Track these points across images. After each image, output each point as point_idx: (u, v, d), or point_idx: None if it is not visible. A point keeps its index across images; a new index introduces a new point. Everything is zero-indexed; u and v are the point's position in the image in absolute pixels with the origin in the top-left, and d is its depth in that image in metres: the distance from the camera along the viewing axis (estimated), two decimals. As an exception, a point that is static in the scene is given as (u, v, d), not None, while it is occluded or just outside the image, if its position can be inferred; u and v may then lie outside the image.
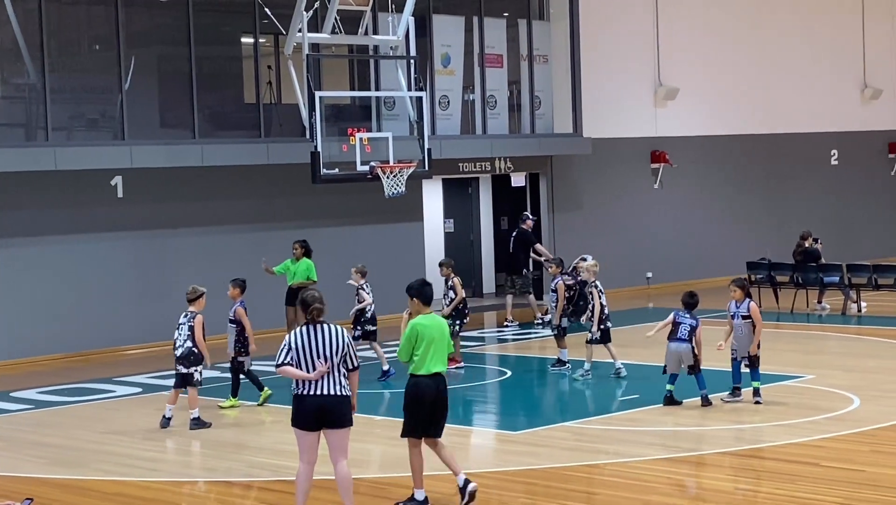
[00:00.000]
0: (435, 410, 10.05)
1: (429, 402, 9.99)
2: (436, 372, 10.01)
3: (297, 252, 18.24)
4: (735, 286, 14.42)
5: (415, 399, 10.02)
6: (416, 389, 10.02)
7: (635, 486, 10.70)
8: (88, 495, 11.15)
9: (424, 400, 9.98)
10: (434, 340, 10.00)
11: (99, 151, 19.31)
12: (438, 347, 10.03)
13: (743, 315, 14.28)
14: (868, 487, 10.36)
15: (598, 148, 24.90)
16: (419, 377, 10.02)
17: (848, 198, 29.98)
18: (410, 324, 10.16)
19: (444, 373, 10.11)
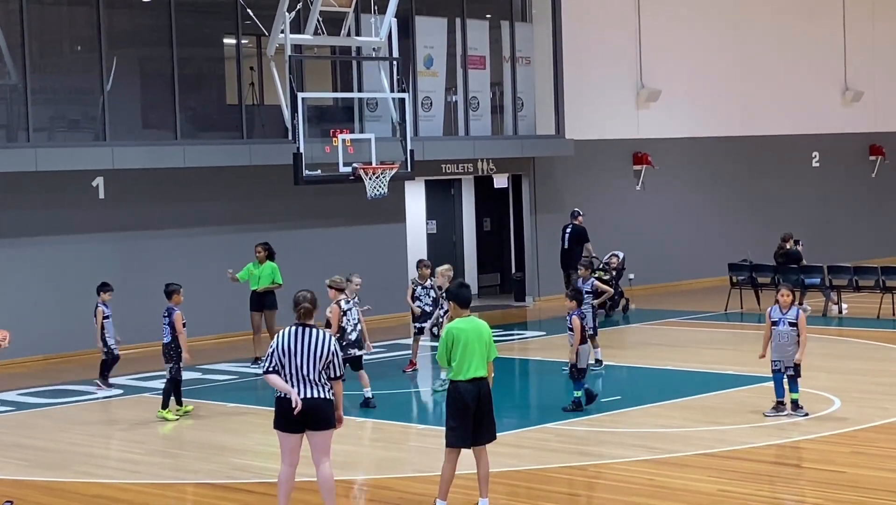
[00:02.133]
0: (479, 415, 9.75)
1: (471, 409, 9.71)
2: (475, 377, 9.74)
3: (261, 255, 17.81)
4: (786, 290, 13.64)
5: (454, 406, 9.75)
6: (456, 396, 9.74)
7: (617, 487, 10.73)
8: (69, 498, 11.11)
9: (467, 406, 9.72)
10: (470, 343, 9.72)
11: (80, 152, 19.25)
12: (476, 350, 9.73)
13: (791, 322, 13.47)
14: (848, 489, 10.41)
15: (580, 149, 24.94)
16: (458, 383, 9.74)
17: (829, 200, 30.09)
18: (446, 328, 9.96)
19: (485, 376, 9.79)
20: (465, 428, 9.71)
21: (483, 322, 10.01)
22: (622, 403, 14.54)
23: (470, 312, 9.97)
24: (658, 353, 18.64)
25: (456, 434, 9.74)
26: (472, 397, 9.69)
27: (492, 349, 9.89)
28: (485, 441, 9.82)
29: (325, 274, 21.43)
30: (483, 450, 9.83)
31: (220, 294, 20.26)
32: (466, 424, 9.70)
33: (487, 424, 9.81)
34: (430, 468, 11.29)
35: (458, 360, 9.70)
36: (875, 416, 13.24)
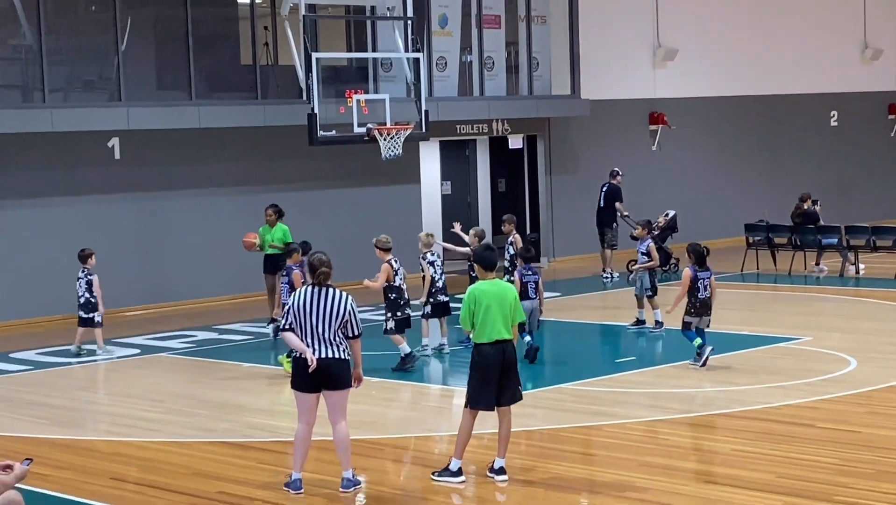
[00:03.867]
0: (503, 378, 9.67)
1: (495, 370, 9.64)
2: (499, 339, 9.68)
3: (272, 218, 17.70)
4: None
5: (480, 369, 9.69)
6: (479, 359, 9.70)
7: (631, 447, 10.76)
8: (88, 456, 11.20)
9: (489, 370, 9.66)
10: (493, 305, 9.62)
11: (96, 113, 19.26)
12: (498, 313, 9.64)
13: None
14: (864, 449, 10.42)
15: (595, 110, 24.84)
16: (482, 346, 9.67)
17: (847, 159, 29.94)
18: (469, 290, 9.90)
19: (510, 339, 9.70)
20: (487, 390, 9.69)
21: (508, 285, 9.97)
22: (637, 363, 14.56)
23: (496, 275, 9.91)
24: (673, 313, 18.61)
25: (477, 396, 9.73)
26: (495, 360, 9.66)
27: (517, 312, 9.81)
28: (509, 402, 9.81)
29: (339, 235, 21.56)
30: (507, 410, 9.83)
31: (234, 254, 20.30)
32: (489, 387, 9.68)
33: (511, 386, 9.78)
34: (445, 428, 11.34)
35: (480, 322, 9.65)
36: (891, 376, 13.23)
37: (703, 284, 14.21)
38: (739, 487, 9.41)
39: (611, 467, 10.23)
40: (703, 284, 14.21)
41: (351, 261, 19.63)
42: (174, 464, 10.89)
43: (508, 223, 16.93)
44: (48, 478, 10.24)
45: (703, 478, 9.70)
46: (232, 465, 10.68)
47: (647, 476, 9.80)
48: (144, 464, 10.83)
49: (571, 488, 9.69)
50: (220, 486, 10.01)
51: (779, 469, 9.88)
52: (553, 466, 10.31)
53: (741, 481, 9.57)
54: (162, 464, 10.88)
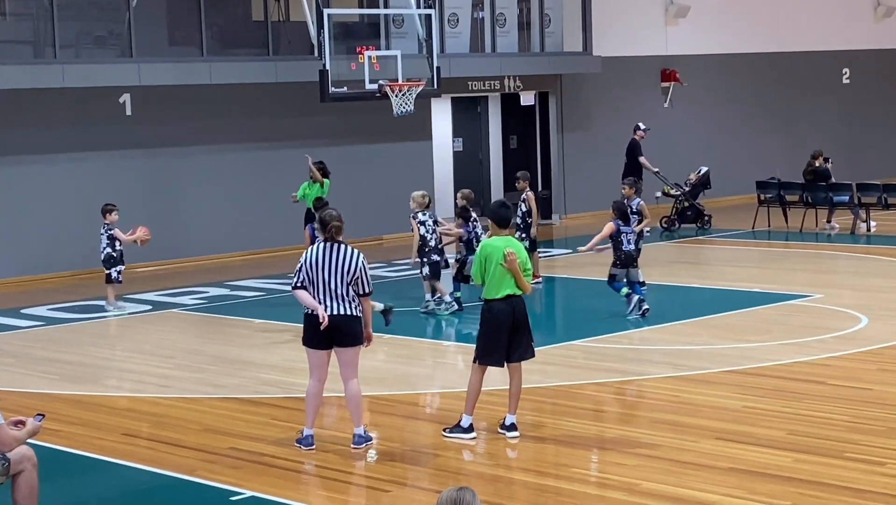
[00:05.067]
0: (512, 333, 9.66)
1: (505, 326, 9.63)
2: (509, 294, 9.65)
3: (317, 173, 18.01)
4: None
5: (489, 325, 9.68)
6: (489, 315, 9.69)
7: (642, 403, 10.78)
8: (99, 411, 11.26)
9: (499, 326, 9.62)
10: (498, 261, 9.57)
11: (107, 69, 19.22)
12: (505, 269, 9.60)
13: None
14: (875, 406, 10.42)
15: (607, 66, 24.71)
16: (492, 302, 9.65)
17: (859, 117, 29.80)
18: (481, 243, 9.95)
19: (518, 294, 9.67)
20: (496, 347, 9.68)
21: (518, 242, 9.95)
22: (648, 320, 14.56)
23: (509, 232, 9.91)
24: (684, 271, 18.63)
25: (486, 352, 9.73)
26: (505, 316, 9.65)
27: (527, 267, 9.77)
28: (519, 358, 9.81)
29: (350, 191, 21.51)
30: (517, 367, 9.83)
31: (246, 211, 20.33)
32: (498, 343, 9.67)
33: (522, 342, 9.77)
34: (455, 385, 11.37)
35: (489, 277, 9.65)
36: (902, 334, 13.22)
37: (627, 238, 14.71)
38: (750, 444, 9.43)
39: (621, 424, 10.26)
40: (626, 238, 14.73)
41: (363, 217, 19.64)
42: (185, 420, 10.94)
43: (522, 180, 16.89)
44: (60, 433, 10.30)
45: (714, 434, 9.72)
46: (243, 421, 10.73)
47: (657, 433, 9.82)
48: (156, 420, 10.88)
49: (582, 445, 9.72)
50: (231, 441, 10.06)
51: (790, 426, 9.89)
52: (564, 422, 10.33)
53: (752, 438, 9.59)
54: (173, 420, 10.93)
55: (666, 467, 8.98)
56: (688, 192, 22.70)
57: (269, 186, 20.88)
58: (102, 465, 9.63)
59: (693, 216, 22.71)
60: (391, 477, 9.05)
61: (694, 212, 22.72)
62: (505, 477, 9.06)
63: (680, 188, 22.75)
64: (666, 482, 8.64)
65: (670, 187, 22.81)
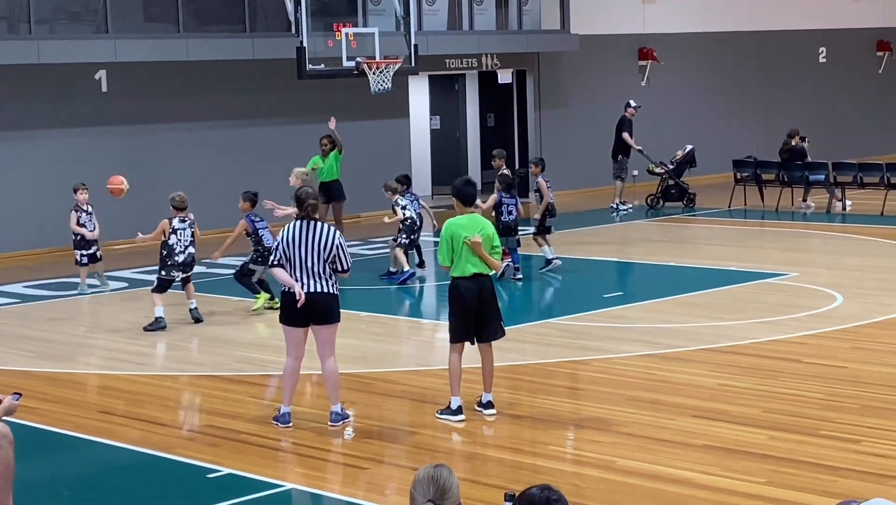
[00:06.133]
0: (480, 311, 9.63)
1: (472, 304, 9.59)
2: (476, 273, 9.59)
3: (326, 148, 18.23)
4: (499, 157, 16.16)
5: (456, 302, 9.66)
6: (456, 292, 9.65)
7: (619, 381, 10.83)
8: (76, 389, 11.24)
9: (466, 304, 9.59)
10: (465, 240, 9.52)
11: (83, 45, 19.09)
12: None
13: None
14: (849, 383, 10.50)
15: (585, 45, 24.71)
16: (458, 279, 9.61)
17: (835, 96, 29.89)
18: (446, 224, 9.82)
19: (486, 273, 9.64)
20: (465, 325, 9.68)
21: (484, 220, 9.89)
22: (624, 298, 14.62)
23: (473, 210, 9.89)
24: (661, 249, 18.69)
25: (456, 330, 9.73)
26: (472, 294, 9.62)
27: (496, 247, 9.72)
28: (489, 338, 9.81)
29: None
30: (488, 347, 9.83)
31: (221, 188, 20.25)
32: (467, 321, 9.66)
33: (491, 321, 9.77)
34: (432, 362, 11.39)
35: (457, 257, 9.60)
36: (876, 312, 13.31)
37: (508, 209, 15.44)
38: (726, 422, 9.49)
39: (597, 402, 10.30)
40: (507, 208, 15.47)
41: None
42: (162, 397, 10.93)
43: (498, 158, 16.88)
44: (36, 411, 10.28)
45: (689, 412, 9.77)
46: (220, 398, 10.72)
47: (633, 410, 9.87)
48: (132, 397, 10.87)
49: (558, 423, 9.77)
50: (208, 419, 10.06)
51: (765, 404, 9.96)
52: (540, 400, 10.38)
53: (728, 416, 9.65)
54: (150, 397, 10.92)
55: (642, 445, 9.03)
56: (671, 170, 22.69)
57: (246, 163, 20.82)
58: (79, 442, 9.62)
59: (677, 194, 22.71)
60: (368, 455, 9.07)
61: (678, 190, 22.71)
62: (481, 454, 9.10)
63: (664, 166, 22.74)
64: (642, 459, 8.69)
65: (655, 165, 22.80)
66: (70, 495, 8.65)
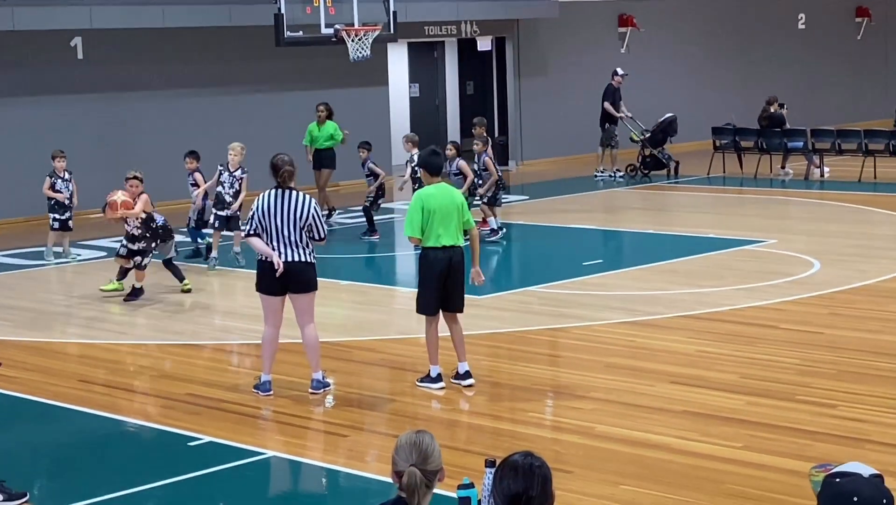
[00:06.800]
0: (448, 283, 9.53)
1: (440, 275, 9.49)
2: (445, 245, 9.49)
3: (322, 114, 18.23)
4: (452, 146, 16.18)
5: (425, 273, 9.59)
6: (425, 262, 9.58)
7: (598, 348, 10.87)
8: (55, 358, 11.21)
9: (434, 273, 9.50)
10: (439, 209, 9.43)
11: (58, 11, 18.93)
12: (445, 217, 9.45)
13: (455, 174, 15.68)
14: (825, 349, 10.57)
15: (565, 11, 24.66)
16: (428, 249, 9.51)
17: (814, 62, 29.92)
18: (415, 194, 9.71)
19: (458, 245, 9.53)
20: (432, 296, 9.57)
21: (454, 189, 9.83)
22: (603, 266, 14.65)
23: (441, 180, 9.79)
24: (640, 216, 18.73)
25: (423, 302, 9.64)
26: (442, 265, 9.51)
27: (468, 217, 9.63)
28: (454, 308, 9.68)
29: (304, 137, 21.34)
30: (453, 317, 9.71)
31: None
32: (434, 292, 9.56)
33: (457, 292, 9.61)
34: (412, 330, 11.41)
35: (428, 227, 9.49)
36: (853, 278, 13.39)
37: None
38: (704, 388, 9.55)
39: (577, 369, 10.35)
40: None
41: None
42: (142, 366, 10.92)
43: (479, 126, 16.85)
44: (15, 380, 10.26)
45: (668, 378, 9.83)
46: (201, 367, 10.72)
47: (612, 377, 9.92)
48: (112, 366, 10.86)
49: (537, 390, 9.80)
50: (189, 388, 10.06)
51: (743, 370, 10.02)
52: (519, 367, 10.41)
53: (706, 382, 9.71)
54: (130, 366, 10.91)
55: (621, 411, 9.08)
56: (647, 139, 22.58)
57: (224, 132, 20.71)
58: (59, 411, 9.61)
59: (653, 164, 22.56)
60: (348, 422, 9.09)
61: (654, 160, 22.55)
62: (461, 421, 9.13)
63: (642, 135, 22.65)
64: (621, 425, 8.74)
65: (638, 134, 22.66)
66: (50, 465, 8.64)
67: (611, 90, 22.53)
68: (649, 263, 14.56)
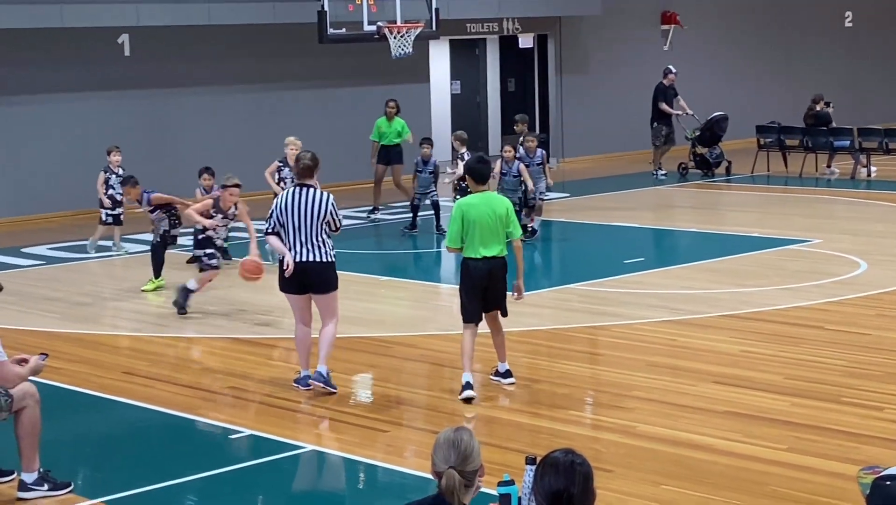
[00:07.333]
0: (488, 294, 9.38)
1: (480, 285, 9.32)
2: (486, 256, 9.26)
3: (392, 110, 18.39)
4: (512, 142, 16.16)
5: (465, 282, 9.42)
6: (465, 272, 9.40)
7: (639, 347, 10.81)
8: (100, 350, 11.30)
9: (474, 283, 9.32)
10: (476, 221, 9.19)
11: (106, 9, 19.08)
12: (485, 227, 9.21)
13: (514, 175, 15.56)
14: (872, 351, 10.46)
15: (607, 8, 24.56)
16: (468, 260, 9.33)
17: (861, 61, 29.65)
18: (456, 204, 9.56)
19: (499, 255, 9.30)
20: (474, 305, 9.42)
21: (501, 197, 9.62)
22: (645, 264, 14.58)
23: (486, 188, 9.55)
24: (683, 215, 18.63)
25: (467, 310, 9.47)
26: (481, 275, 9.31)
27: (512, 227, 9.35)
28: (494, 308, 9.48)
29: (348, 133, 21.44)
30: (494, 318, 9.53)
31: (243, 152, 20.26)
32: (476, 301, 9.41)
33: (499, 298, 9.46)
34: (452, 327, 11.39)
35: (467, 237, 9.26)
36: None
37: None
38: (748, 388, 9.47)
39: (617, 367, 10.29)
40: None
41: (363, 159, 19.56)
42: (183, 359, 10.99)
43: (521, 123, 16.82)
44: (61, 371, 10.34)
45: (711, 378, 9.76)
46: (241, 361, 10.77)
47: (653, 376, 9.86)
48: (154, 358, 10.93)
49: (577, 387, 9.76)
50: (229, 381, 10.10)
51: (787, 370, 9.93)
52: (559, 365, 10.37)
53: (749, 382, 9.63)
54: (172, 359, 10.98)
55: (662, 410, 9.03)
56: (696, 137, 22.43)
57: (267, 128, 20.81)
58: (103, 402, 9.69)
59: (699, 163, 22.37)
60: (388, 417, 9.10)
61: (701, 159, 22.36)
62: (501, 418, 9.11)
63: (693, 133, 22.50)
64: (662, 425, 8.69)
65: (691, 133, 22.50)
66: (94, 456, 8.70)
67: (661, 88, 22.38)
68: (692, 262, 14.47)
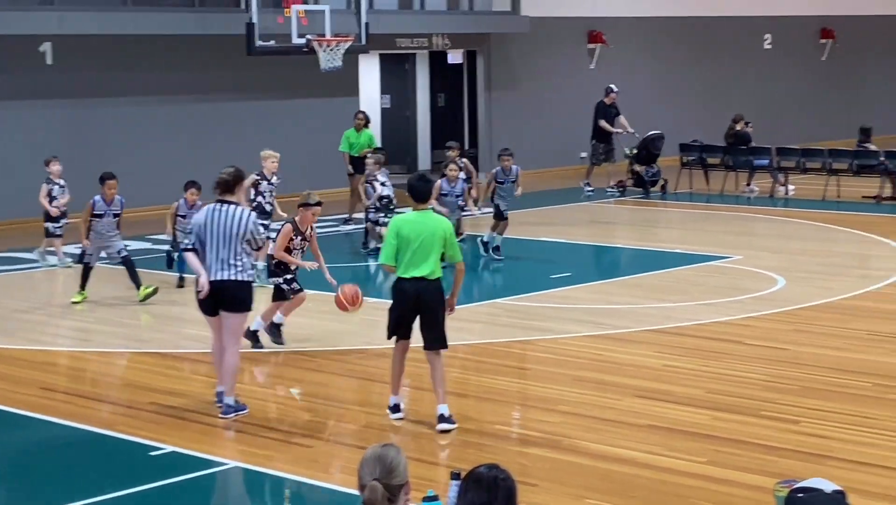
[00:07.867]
0: (423, 318, 8.97)
1: (407, 306, 8.95)
2: (416, 276, 8.87)
3: (361, 122, 18.57)
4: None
5: (394, 301, 9.05)
6: (393, 292, 9.06)
7: (565, 361, 10.88)
8: (18, 365, 11.11)
9: (400, 304, 8.99)
10: (414, 239, 8.84)
11: (27, 16, 18.84)
12: (420, 247, 8.84)
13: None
14: (789, 365, 10.63)
15: (535, 26, 24.73)
16: (400, 279, 8.95)
17: (779, 82, 30.14)
18: (391, 220, 9.29)
19: (430, 276, 8.87)
20: (399, 323, 9.10)
21: (440, 218, 9.16)
22: (571, 280, 14.68)
23: (426, 207, 9.14)
24: (607, 231, 18.79)
25: (390, 326, 9.18)
26: (409, 296, 8.94)
27: (452, 250, 8.99)
28: (431, 346, 9.06)
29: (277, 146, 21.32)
30: (433, 354, 9.07)
31: (165, 164, 20.09)
32: (402, 321, 9.09)
33: (434, 329, 9.01)
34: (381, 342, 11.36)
35: (401, 255, 8.90)
36: (818, 295, 13.48)
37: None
38: (670, 402, 9.58)
39: (544, 381, 10.36)
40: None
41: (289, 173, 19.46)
42: (105, 374, 10.85)
43: (453, 149, 16.92)
44: (-21, 386, 10.16)
45: (634, 392, 9.85)
46: (164, 375, 10.66)
47: (579, 390, 9.94)
48: (75, 374, 10.79)
49: (505, 402, 9.80)
50: (152, 396, 9.99)
51: (708, 385, 10.06)
52: (486, 379, 10.41)
53: (671, 396, 9.74)
54: (93, 374, 10.84)
55: (587, 424, 9.09)
56: (633, 156, 22.63)
57: (193, 140, 20.66)
58: (20, 419, 9.53)
59: (636, 181, 22.56)
60: (314, 433, 9.06)
61: (637, 177, 22.55)
62: (428, 434, 9.11)
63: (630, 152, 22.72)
64: (587, 439, 8.75)
65: (630, 150, 22.70)
66: (10, 473, 8.56)
67: (602, 106, 22.57)
68: (617, 277, 14.61)
